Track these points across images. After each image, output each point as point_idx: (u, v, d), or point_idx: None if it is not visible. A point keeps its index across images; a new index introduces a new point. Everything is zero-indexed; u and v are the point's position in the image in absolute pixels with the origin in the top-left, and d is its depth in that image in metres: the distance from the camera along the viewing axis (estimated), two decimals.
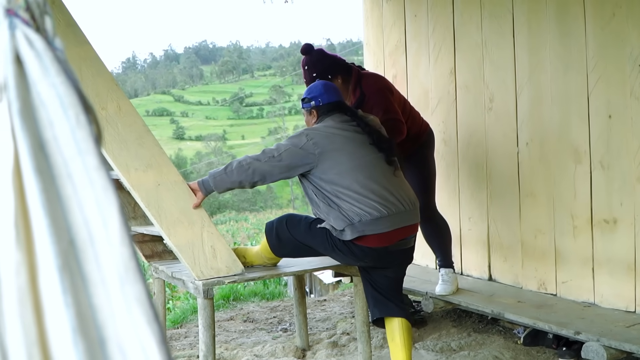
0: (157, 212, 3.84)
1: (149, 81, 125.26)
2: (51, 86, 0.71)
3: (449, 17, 5.18)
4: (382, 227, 3.69)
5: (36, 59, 0.72)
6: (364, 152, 3.77)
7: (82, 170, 0.69)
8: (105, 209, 0.67)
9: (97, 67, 3.69)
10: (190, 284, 4.00)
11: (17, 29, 0.75)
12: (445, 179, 5.29)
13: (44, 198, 0.66)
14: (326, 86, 4.03)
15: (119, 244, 0.66)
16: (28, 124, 0.69)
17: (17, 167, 0.68)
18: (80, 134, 0.69)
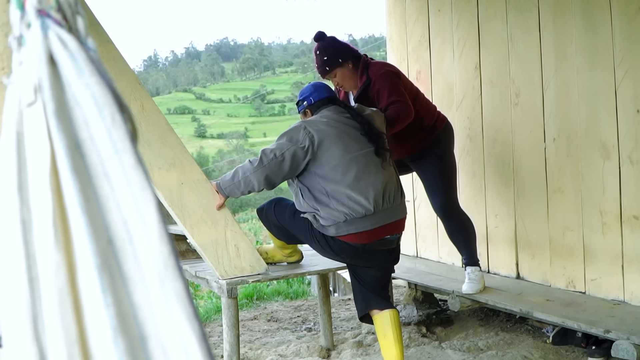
0: (180, 211, 3.87)
1: (170, 79, 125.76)
2: (86, 86, 0.72)
3: (474, 12, 5.16)
4: (365, 225, 3.79)
5: (70, 60, 0.73)
6: (357, 146, 3.85)
7: (119, 170, 0.70)
8: (143, 208, 0.68)
9: (121, 66, 3.72)
10: (214, 283, 4.02)
11: (49, 30, 0.76)
12: (471, 176, 5.27)
13: (81, 198, 0.67)
14: (316, 85, 4.16)
15: (158, 241, 0.67)
16: (64, 125, 0.71)
17: (54, 168, 0.69)
18: (116, 133, 0.70)
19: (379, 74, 4.37)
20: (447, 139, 4.67)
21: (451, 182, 4.64)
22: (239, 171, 3.90)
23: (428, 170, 4.59)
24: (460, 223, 4.64)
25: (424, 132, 4.54)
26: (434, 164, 4.59)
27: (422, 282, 5.08)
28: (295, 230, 4.03)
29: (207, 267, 4.08)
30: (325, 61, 4.41)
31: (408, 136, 4.51)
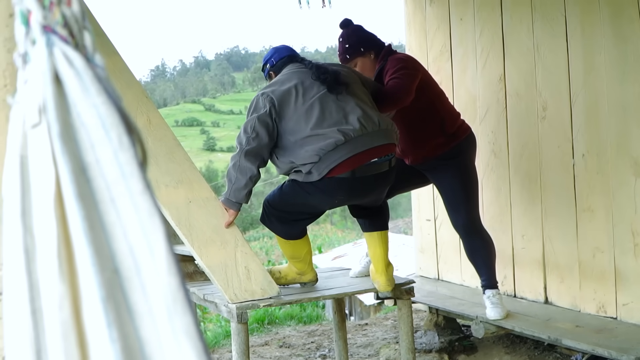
0: (188, 230, 3.87)
1: (178, 90, 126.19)
2: (92, 107, 0.72)
3: (498, 20, 5.16)
4: (342, 154, 3.87)
5: (76, 78, 0.74)
6: (312, 92, 4.00)
7: (126, 195, 0.70)
8: (151, 236, 0.68)
9: (127, 78, 3.74)
10: (223, 307, 4.01)
11: (55, 47, 0.77)
12: (495, 193, 5.25)
13: (86, 225, 0.68)
14: (276, 48, 4.42)
15: (166, 273, 0.67)
16: (69, 147, 0.71)
17: (58, 193, 0.69)
18: (123, 156, 0.70)
19: (396, 57, 4.48)
20: (468, 150, 4.63)
21: (473, 198, 4.61)
22: (230, 171, 4.02)
23: (447, 183, 4.57)
24: (482, 242, 4.59)
25: (443, 137, 4.52)
26: (454, 176, 4.55)
27: (444, 306, 5.06)
28: (291, 201, 4.11)
29: (216, 289, 4.08)
30: (346, 49, 4.55)
31: (426, 138, 4.53)
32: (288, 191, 4.10)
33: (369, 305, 10.52)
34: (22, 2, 0.79)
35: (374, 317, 7.14)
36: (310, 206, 4.12)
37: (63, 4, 0.79)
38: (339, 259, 14.27)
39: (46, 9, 0.78)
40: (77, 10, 0.79)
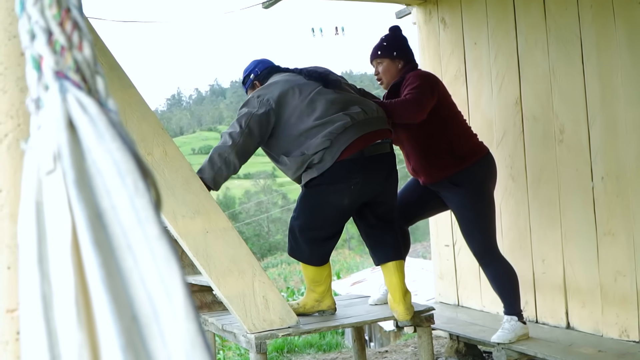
0: (205, 261, 3.87)
1: (194, 118, 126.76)
2: (107, 152, 0.73)
3: (512, 44, 5.17)
4: (352, 135, 4.03)
5: (90, 124, 0.74)
6: (308, 89, 4.15)
7: (143, 241, 0.70)
8: (169, 282, 0.68)
9: (143, 111, 3.76)
10: (242, 337, 4.00)
11: (68, 93, 0.77)
12: (514, 218, 5.22)
13: (103, 273, 0.68)
14: (257, 60, 4.58)
15: (184, 318, 0.67)
16: (84, 194, 0.71)
17: (74, 241, 0.70)
18: (139, 202, 0.71)
19: (416, 73, 4.55)
20: (483, 174, 4.55)
21: (488, 225, 4.54)
22: (215, 158, 4.10)
23: (460, 209, 4.54)
24: (499, 270, 4.54)
25: (452, 159, 4.49)
26: (465, 203, 4.51)
27: (465, 333, 5.02)
28: (316, 210, 4.18)
29: (235, 319, 4.07)
30: (382, 46, 4.68)
31: (434, 157, 4.53)
32: (307, 201, 4.18)
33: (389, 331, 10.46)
34: (33, 46, 0.80)
35: (394, 344, 7.10)
36: (334, 206, 4.16)
37: (75, 49, 0.80)
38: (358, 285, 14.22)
39: (58, 54, 0.79)
40: (88, 55, 0.80)
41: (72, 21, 0.83)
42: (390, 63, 4.64)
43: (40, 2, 0.82)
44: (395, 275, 4.22)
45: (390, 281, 4.23)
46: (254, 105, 4.11)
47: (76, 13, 0.84)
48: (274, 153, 4.20)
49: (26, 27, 0.81)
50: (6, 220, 1.27)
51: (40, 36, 0.80)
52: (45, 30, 0.80)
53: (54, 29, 0.81)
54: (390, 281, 4.23)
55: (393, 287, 4.22)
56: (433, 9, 5.98)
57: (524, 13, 5.05)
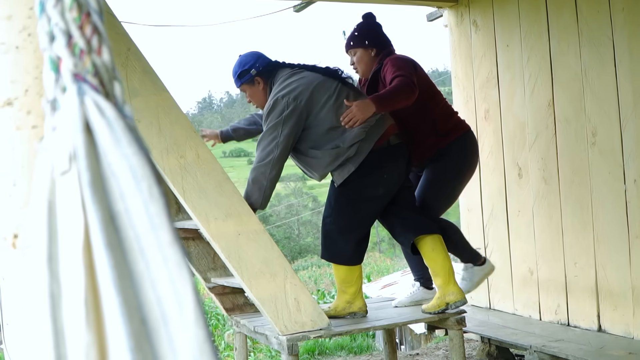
0: (237, 263, 3.88)
1: (225, 121, 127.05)
2: (123, 157, 0.72)
3: (545, 46, 5.11)
4: (381, 127, 4.16)
5: (107, 128, 0.74)
6: (332, 85, 4.17)
7: (155, 246, 0.69)
8: (179, 287, 0.68)
9: (175, 114, 3.78)
10: (274, 339, 4.00)
11: (86, 96, 0.77)
12: (547, 221, 5.16)
13: (115, 274, 0.67)
14: (252, 53, 4.40)
15: (193, 324, 0.66)
16: (99, 196, 0.70)
17: (87, 242, 0.69)
18: (153, 207, 0.70)
19: (392, 58, 4.49)
20: (464, 150, 4.57)
21: (445, 201, 4.61)
22: (259, 178, 4.11)
23: (431, 176, 4.55)
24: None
25: (436, 136, 4.51)
26: (440, 173, 4.53)
27: (496, 336, 4.97)
28: (353, 205, 4.18)
29: (266, 321, 4.07)
30: (354, 37, 4.64)
31: (420, 138, 4.53)
32: (343, 200, 4.20)
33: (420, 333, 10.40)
34: (52, 48, 0.79)
35: (425, 347, 7.06)
36: (370, 199, 4.18)
37: (94, 53, 0.79)
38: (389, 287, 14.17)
39: (77, 57, 0.78)
40: (107, 60, 0.79)
41: (91, 25, 0.82)
42: (363, 52, 4.60)
43: (61, 4, 0.81)
44: (436, 250, 4.18)
45: (435, 259, 4.19)
46: (282, 108, 4.06)
47: (96, 18, 0.83)
48: (302, 147, 4.18)
49: (45, 29, 0.81)
50: None
51: (60, 38, 0.80)
52: (65, 32, 0.80)
53: (74, 32, 0.81)
54: (435, 259, 4.19)
55: (439, 264, 4.19)
56: (465, 12, 5.93)
57: (556, 15, 4.99)
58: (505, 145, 5.50)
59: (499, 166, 5.59)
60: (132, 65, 3.67)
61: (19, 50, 1.40)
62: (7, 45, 1.40)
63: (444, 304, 4.21)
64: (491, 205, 5.68)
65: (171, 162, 3.73)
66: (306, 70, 4.24)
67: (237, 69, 4.34)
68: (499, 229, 5.61)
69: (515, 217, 5.45)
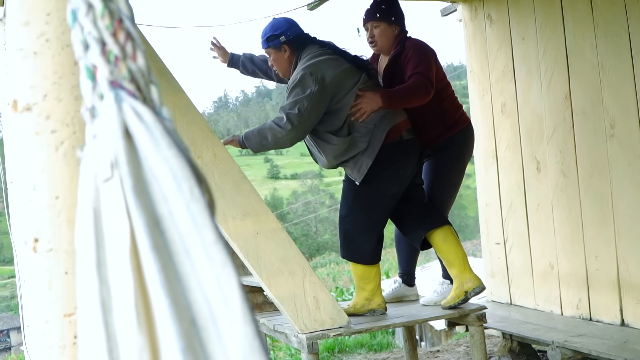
0: (256, 262, 3.90)
1: (241, 119, 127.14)
2: (163, 160, 0.74)
3: (560, 38, 5.10)
4: (391, 121, 4.21)
5: (146, 133, 0.76)
6: (357, 74, 4.22)
7: (200, 246, 0.71)
8: (225, 286, 0.70)
9: (192, 114, 3.81)
10: (294, 337, 4.02)
11: (123, 102, 0.79)
12: (566, 214, 5.16)
13: (162, 277, 0.69)
14: (286, 19, 4.40)
15: (242, 322, 0.68)
16: (142, 201, 0.73)
17: (133, 246, 0.71)
18: (195, 207, 0.72)
19: (415, 44, 4.52)
20: (464, 142, 4.69)
21: (446, 196, 4.67)
22: (267, 134, 4.14)
23: (434, 169, 4.63)
24: None
25: (443, 127, 4.59)
26: (442, 165, 4.62)
27: (518, 332, 4.97)
28: (367, 203, 4.23)
29: (286, 320, 4.09)
30: (381, 9, 4.59)
31: (427, 127, 4.57)
32: (361, 198, 4.24)
33: (440, 330, 10.40)
34: (87, 57, 0.82)
35: (445, 343, 7.06)
36: (387, 195, 4.23)
37: (128, 59, 0.81)
38: None
39: (112, 64, 0.81)
40: (142, 65, 0.82)
41: (125, 31, 0.85)
42: (387, 27, 4.58)
43: (93, 13, 0.83)
44: (448, 240, 4.23)
45: (447, 249, 4.23)
46: (309, 84, 4.08)
47: (129, 24, 0.85)
48: (320, 129, 4.20)
49: (79, 38, 0.83)
50: (64, 226, 1.30)
51: (94, 46, 0.82)
52: (98, 40, 0.82)
53: (107, 40, 0.83)
54: (448, 249, 4.23)
55: (452, 254, 4.23)
56: (479, 6, 5.93)
57: (570, 7, 4.99)
58: (523, 139, 5.50)
59: (517, 160, 5.59)
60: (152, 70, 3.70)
61: (37, 56, 1.42)
62: (25, 51, 1.42)
63: (462, 293, 4.24)
64: (510, 200, 5.68)
65: None
66: (336, 54, 4.26)
67: (267, 32, 4.36)
68: (518, 223, 5.61)
69: (534, 212, 5.45)
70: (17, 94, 1.42)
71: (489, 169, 5.87)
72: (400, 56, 4.50)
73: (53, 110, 1.40)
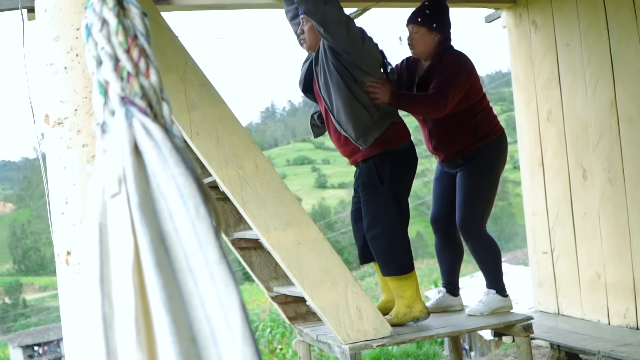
0: (298, 272, 3.90)
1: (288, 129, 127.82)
2: (170, 177, 0.74)
3: (605, 45, 5.02)
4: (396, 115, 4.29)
5: (155, 150, 0.76)
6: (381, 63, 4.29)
7: (203, 265, 0.71)
8: (227, 305, 0.69)
9: (233, 126, 3.83)
10: (337, 347, 4.01)
11: (134, 118, 0.79)
12: (613, 223, 5.06)
13: (165, 294, 0.69)
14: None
15: (241, 342, 0.67)
16: (148, 217, 0.73)
17: (137, 263, 0.71)
18: (200, 226, 0.72)
19: (452, 58, 4.46)
20: (496, 152, 4.60)
21: (484, 204, 4.60)
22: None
23: (465, 180, 4.56)
24: (481, 245, 4.60)
25: (474, 138, 4.52)
26: (474, 175, 4.55)
27: (565, 342, 4.89)
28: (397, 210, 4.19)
29: (329, 330, 4.08)
30: (423, 13, 4.50)
31: (459, 138, 4.53)
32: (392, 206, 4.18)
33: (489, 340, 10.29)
34: (100, 72, 0.82)
35: (492, 354, 6.98)
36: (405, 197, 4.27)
37: (141, 76, 0.81)
38: None
39: (124, 81, 0.81)
40: (155, 82, 0.82)
41: (139, 48, 0.85)
42: (427, 33, 4.47)
43: (107, 29, 0.84)
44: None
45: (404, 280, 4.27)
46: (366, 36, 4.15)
47: (143, 40, 0.85)
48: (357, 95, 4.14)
49: (92, 53, 0.83)
50: None
51: (107, 62, 0.82)
52: (111, 56, 0.83)
53: (121, 56, 0.83)
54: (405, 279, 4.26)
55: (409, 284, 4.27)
56: (523, 12, 5.87)
57: (614, 13, 4.91)
58: (569, 147, 5.41)
59: (563, 168, 5.50)
60: (190, 78, 3.74)
61: (68, 71, 1.43)
62: (56, 66, 1.44)
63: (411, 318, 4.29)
64: (556, 208, 5.60)
65: (230, 173, 3.78)
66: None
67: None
68: (565, 232, 5.52)
69: (581, 220, 5.36)
70: (49, 108, 1.44)
71: (535, 177, 5.80)
72: (435, 67, 4.45)
73: (84, 125, 1.42)
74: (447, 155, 4.61)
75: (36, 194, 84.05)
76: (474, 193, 4.53)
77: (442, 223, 4.71)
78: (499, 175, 4.68)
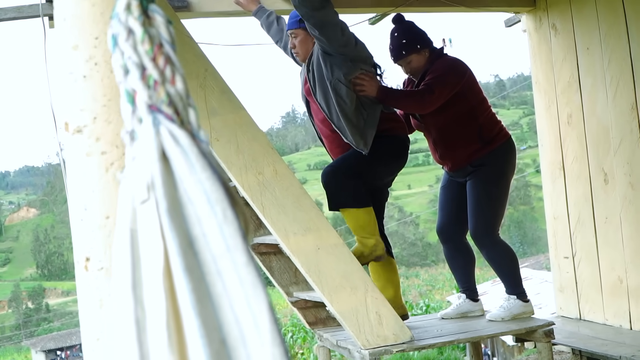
0: (317, 277, 3.92)
1: (309, 134, 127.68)
2: (198, 182, 0.76)
3: (625, 48, 5.00)
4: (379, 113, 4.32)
5: (182, 156, 0.78)
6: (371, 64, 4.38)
7: (231, 268, 0.73)
8: (256, 307, 0.71)
9: (253, 132, 3.86)
10: (357, 353, 4.02)
11: (161, 125, 0.81)
12: (635, 227, 5.04)
13: (194, 298, 0.71)
14: None
15: (270, 344, 0.69)
16: (176, 223, 0.75)
17: (167, 267, 0.73)
18: (227, 230, 0.73)
19: (443, 62, 4.49)
20: (505, 157, 4.59)
21: (496, 210, 4.58)
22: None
23: (476, 187, 4.56)
24: (496, 252, 4.60)
25: (480, 143, 4.51)
26: (484, 182, 4.54)
27: (587, 347, 4.88)
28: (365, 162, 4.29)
29: (349, 335, 4.09)
30: (403, 44, 4.52)
31: (463, 143, 4.53)
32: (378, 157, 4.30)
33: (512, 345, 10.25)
34: (127, 81, 0.84)
35: (515, 359, 6.96)
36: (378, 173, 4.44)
37: (167, 83, 0.83)
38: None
39: (151, 89, 0.83)
40: (181, 89, 0.84)
41: (164, 56, 0.87)
42: (418, 56, 4.52)
43: (133, 38, 0.86)
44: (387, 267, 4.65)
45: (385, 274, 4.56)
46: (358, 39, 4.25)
47: (168, 48, 0.88)
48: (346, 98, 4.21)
49: (119, 62, 0.85)
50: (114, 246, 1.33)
51: (134, 71, 0.84)
52: (138, 65, 0.85)
53: (147, 64, 0.85)
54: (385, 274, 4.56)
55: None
56: (543, 16, 5.86)
57: (634, 16, 4.89)
58: (590, 151, 5.40)
59: (584, 172, 5.49)
60: (209, 85, 3.77)
61: (87, 79, 1.46)
62: (75, 74, 1.46)
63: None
64: (577, 213, 5.58)
65: (250, 179, 3.80)
66: None
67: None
68: (586, 236, 5.50)
69: (602, 224, 5.34)
70: (68, 116, 1.46)
71: (556, 181, 5.78)
72: (427, 71, 4.49)
73: (103, 132, 1.44)
74: (455, 163, 4.61)
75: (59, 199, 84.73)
76: (485, 200, 4.53)
77: (449, 232, 4.74)
78: (509, 181, 4.66)
